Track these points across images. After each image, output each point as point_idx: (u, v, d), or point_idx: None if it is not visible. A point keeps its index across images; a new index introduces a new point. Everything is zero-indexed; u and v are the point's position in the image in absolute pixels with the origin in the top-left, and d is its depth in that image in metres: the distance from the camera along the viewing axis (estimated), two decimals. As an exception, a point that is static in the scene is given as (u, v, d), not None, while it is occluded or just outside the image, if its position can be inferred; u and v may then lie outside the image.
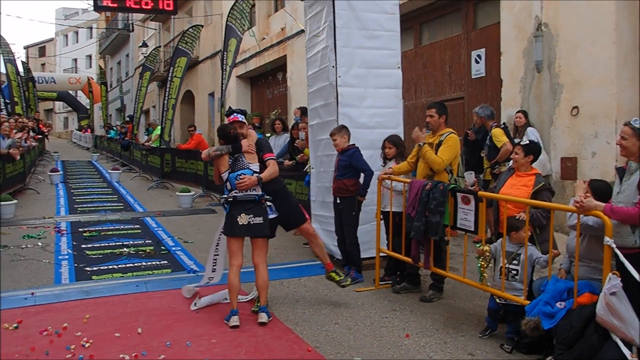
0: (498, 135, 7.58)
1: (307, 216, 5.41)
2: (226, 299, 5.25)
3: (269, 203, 4.98)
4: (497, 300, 4.50)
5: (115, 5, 6.48)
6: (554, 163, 7.90)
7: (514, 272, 4.41)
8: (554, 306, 3.85)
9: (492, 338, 4.55)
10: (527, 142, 5.00)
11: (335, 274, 5.38)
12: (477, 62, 10.09)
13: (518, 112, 8.16)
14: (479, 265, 4.54)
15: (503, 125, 7.94)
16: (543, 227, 4.59)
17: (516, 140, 7.17)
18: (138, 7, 6.51)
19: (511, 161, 5.07)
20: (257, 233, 4.87)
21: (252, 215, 4.79)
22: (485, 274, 4.54)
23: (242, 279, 5.09)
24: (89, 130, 35.27)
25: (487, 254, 4.49)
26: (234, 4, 13.35)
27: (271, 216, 5.01)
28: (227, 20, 13.45)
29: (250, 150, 4.96)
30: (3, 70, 23.91)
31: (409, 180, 5.60)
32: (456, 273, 5.37)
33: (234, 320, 4.71)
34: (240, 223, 4.77)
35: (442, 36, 11.26)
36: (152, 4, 6.58)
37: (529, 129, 7.89)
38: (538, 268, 4.47)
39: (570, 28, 7.69)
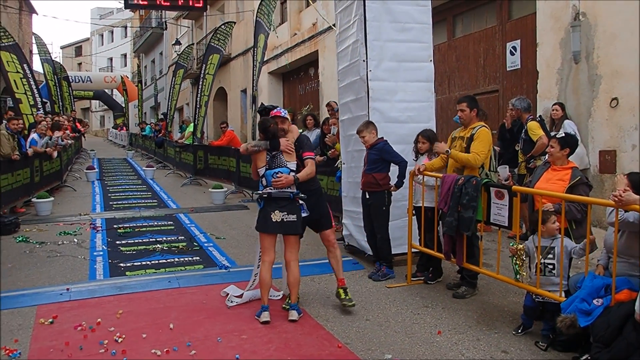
0: (534, 129, 7.39)
1: (333, 224, 5.30)
2: (272, 297, 5.31)
3: (301, 202, 4.94)
4: (534, 297, 4.37)
5: (146, 2, 6.50)
6: (592, 156, 7.68)
7: (550, 266, 4.29)
8: (591, 303, 3.72)
9: (527, 335, 4.43)
10: (563, 134, 4.85)
11: (343, 292, 5.12)
12: (512, 54, 9.89)
13: (554, 104, 7.96)
14: (515, 264, 4.41)
15: (539, 118, 7.75)
16: (579, 222, 4.45)
17: (553, 134, 6.98)
18: (168, 4, 6.52)
19: (547, 155, 4.91)
20: (290, 231, 4.83)
21: (285, 213, 4.76)
22: (522, 272, 4.41)
23: (273, 275, 5.11)
24: (124, 128, 35.87)
25: (521, 252, 4.36)
26: (262, 0, 13.36)
27: (303, 215, 4.96)
28: (256, 16, 13.49)
29: (289, 150, 4.90)
30: (41, 70, 24.50)
31: (440, 175, 5.49)
32: (490, 269, 5.26)
33: (265, 316, 4.71)
34: (273, 220, 4.75)
35: (476, 28, 11.06)
36: (182, 1, 6.58)
37: (566, 121, 7.69)
38: (575, 258, 4.32)
39: (609, 17, 7.45)
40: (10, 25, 25.72)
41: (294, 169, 4.89)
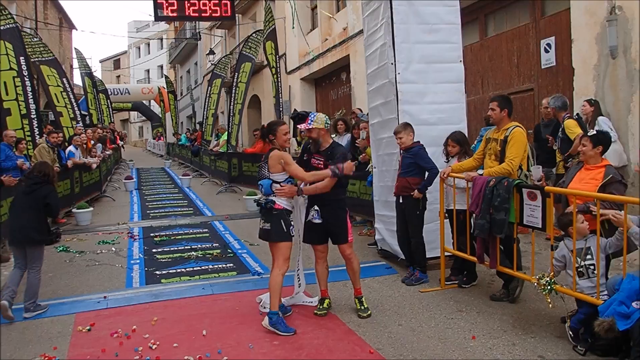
0: (571, 127, 7.19)
1: (350, 238, 5.12)
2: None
3: (316, 207, 5.03)
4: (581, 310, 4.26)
5: (175, 14, 6.62)
6: (633, 153, 7.43)
7: (592, 267, 4.16)
8: (630, 306, 3.58)
9: (564, 340, 4.30)
10: (595, 132, 4.70)
11: (358, 302, 5.16)
12: (546, 51, 9.68)
13: (585, 100, 7.72)
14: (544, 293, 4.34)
15: (577, 117, 7.54)
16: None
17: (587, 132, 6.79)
18: (197, 15, 6.62)
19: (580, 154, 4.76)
20: (264, 238, 4.94)
21: (263, 221, 4.91)
22: (547, 299, 4.35)
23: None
24: (162, 138, 36.52)
25: (544, 281, 4.28)
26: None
27: (315, 221, 5.05)
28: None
29: (273, 162, 4.91)
30: (80, 84, 25.18)
31: (474, 174, 5.37)
32: (526, 272, 5.13)
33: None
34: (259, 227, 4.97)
35: (508, 26, 10.88)
36: (210, 12, 6.68)
37: (600, 118, 7.45)
38: (611, 252, 4.17)
39: (646, 10, 7.22)
40: (51, 41, 26.58)
41: (280, 180, 4.87)
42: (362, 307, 5.10)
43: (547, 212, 4.44)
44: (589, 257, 4.18)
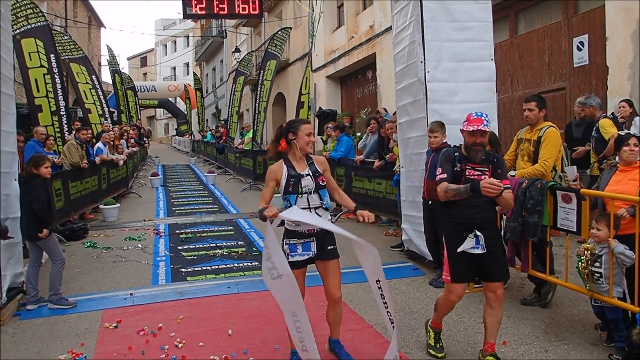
0: (606, 127, 6.97)
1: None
2: None
3: (477, 232, 3.84)
4: (593, 302, 4.18)
5: (204, 12, 6.61)
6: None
7: (598, 274, 4.07)
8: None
9: (599, 348, 4.17)
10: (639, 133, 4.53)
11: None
12: (579, 49, 9.46)
13: (621, 101, 7.50)
14: (578, 266, 4.16)
15: (612, 116, 7.33)
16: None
17: (623, 132, 6.57)
18: (225, 12, 6.60)
19: (618, 156, 4.57)
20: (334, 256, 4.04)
21: (326, 241, 3.97)
22: (585, 276, 4.15)
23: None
24: (194, 135, 36.60)
25: (588, 252, 4.09)
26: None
27: (476, 251, 3.82)
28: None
29: None
30: (110, 81, 25.47)
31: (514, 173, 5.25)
32: (559, 276, 4.99)
33: None
34: None
35: (540, 24, 10.66)
36: (238, 9, 6.66)
37: (637, 118, 7.22)
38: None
39: (686, 6, 6.99)
40: (80, 38, 26.95)
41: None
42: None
43: (582, 215, 4.30)
44: (597, 264, 4.06)
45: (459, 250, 3.83)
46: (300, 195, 3.85)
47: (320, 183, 3.90)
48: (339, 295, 3.94)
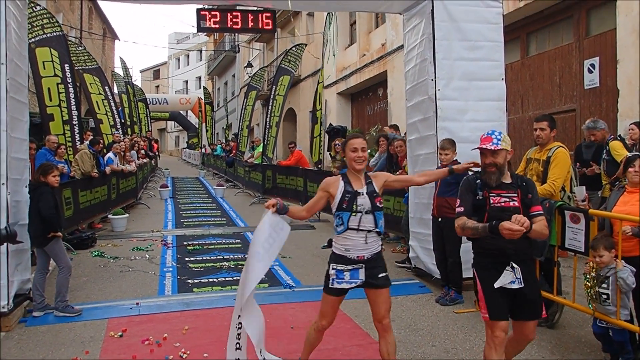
0: (617, 149, 6.97)
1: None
2: None
3: (514, 265, 3.48)
4: (598, 322, 4.15)
5: (217, 26, 6.67)
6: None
7: (605, 296, 4.05)
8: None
9: (608, 371, 4.12)
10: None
11: None
12: (590, 71, 9.47)
13: (631, 124, 7.48)
14: (585, 287, 4.14)
15: (619, 138, 7.32)
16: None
17: (633, 154, 6.54)
18: (238, 27, 6.67)
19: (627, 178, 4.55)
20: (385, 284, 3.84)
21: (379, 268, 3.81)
22: (591, 294, 4.12)
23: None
24: (206, 149, 36.61)
25: (594, 270, 4.07)
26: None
27: (513, 286, 3.47)
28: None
29: None
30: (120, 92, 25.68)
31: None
32: (567, 297, 4.96)
33: None
34: None
35: (551, 45, 10.69)
36: (252, 24, 6.73)
37: (646, 141, 7.21)
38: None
39: (698, 31, 7.00)
40: (95, 50, 27.28)
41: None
42: None
43: (591, 235, 4.28)
44: (604, 285, 4.03)
45: (496, 285, 3.43)
46: (354, 214, 3.60)
47: (377, 204, 3.63)
48: (388, 321, 3.72)
